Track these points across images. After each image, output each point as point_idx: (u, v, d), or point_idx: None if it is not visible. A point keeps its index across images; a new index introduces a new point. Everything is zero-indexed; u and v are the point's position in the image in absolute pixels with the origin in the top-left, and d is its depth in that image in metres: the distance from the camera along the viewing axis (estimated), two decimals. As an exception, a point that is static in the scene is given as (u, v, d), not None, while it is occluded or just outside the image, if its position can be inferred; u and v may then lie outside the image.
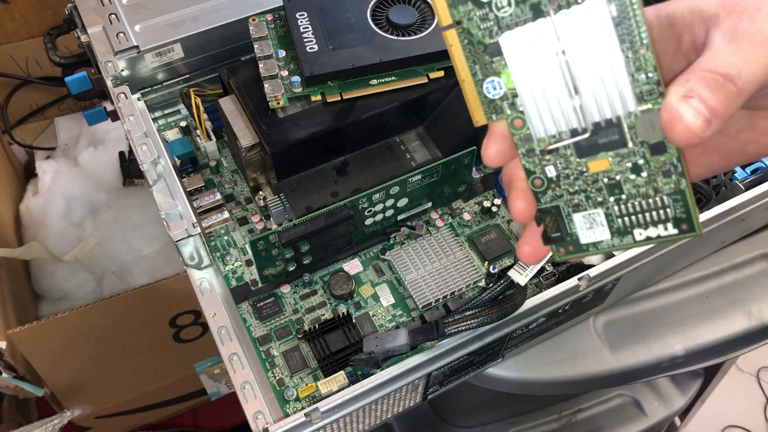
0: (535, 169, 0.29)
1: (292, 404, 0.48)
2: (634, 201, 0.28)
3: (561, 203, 0.29)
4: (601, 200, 0.28)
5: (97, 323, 0.80)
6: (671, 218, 0.27)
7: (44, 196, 0.93)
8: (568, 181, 0.28)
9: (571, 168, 0.28)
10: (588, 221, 0.29)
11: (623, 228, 0.28)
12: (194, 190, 0.57)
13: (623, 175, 0.27)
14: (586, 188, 0.28)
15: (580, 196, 0.28)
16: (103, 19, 0.59)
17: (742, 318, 0.59)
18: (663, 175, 0.27)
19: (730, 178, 0.54)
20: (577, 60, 0.26)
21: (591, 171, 0.28)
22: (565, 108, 0.27)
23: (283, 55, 0.56)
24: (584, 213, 0.29)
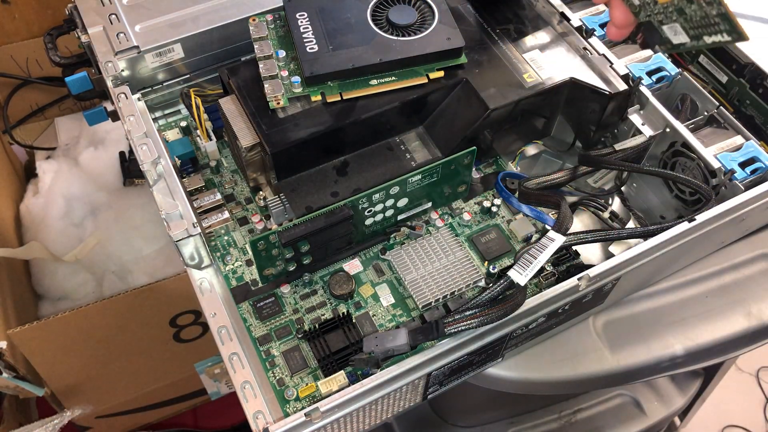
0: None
1: (292, 404, 0.48)
2: (695, 19, 0.39)
3: (651, 19, 0.42)
4: (675, 18, 0.40)
5: (97, 323, 0.80)
6: (724, 30, 0.39)
7: (45, 196, 0.93)
8: (649, 8, 0.41)
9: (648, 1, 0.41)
10: (672, 30, 0.41)
11: (695, 35, 0.40)
12: (194, 190, 0.57)
13: (681, 3, 0.39)
14: (662, 11, 0.41)
15: (660, 16, 0.41)
16: (104, 19, 0.59)
17: (741, 318, 0.59)
18: (708, 4, 0.39)
19: (730, 178, 0.54)
20: None
21: (660, 2, 0.40)
22: None
23: (283, 55, 0.56)
24: (667, 25, 0.41)
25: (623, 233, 0.53)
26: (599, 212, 0.60)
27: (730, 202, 0.52)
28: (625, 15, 0.43)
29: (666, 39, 0.43)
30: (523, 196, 0.57)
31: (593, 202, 0.60)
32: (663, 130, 0.58)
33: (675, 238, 0.51)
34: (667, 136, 0.58)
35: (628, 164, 0.57)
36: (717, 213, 0.52)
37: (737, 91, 0.65)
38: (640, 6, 0.42)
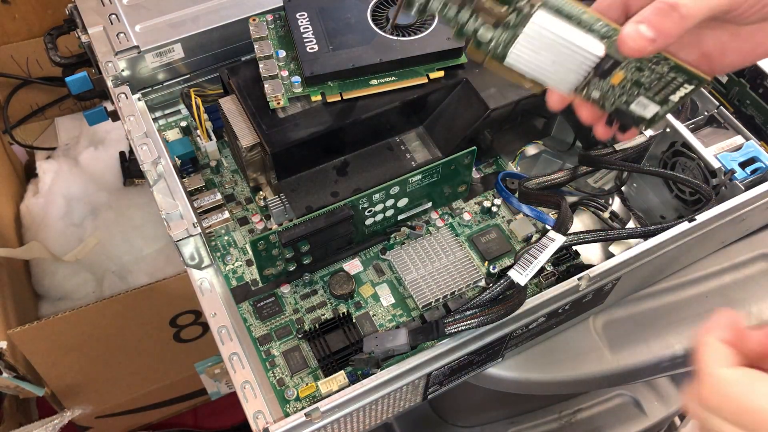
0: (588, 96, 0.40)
1: (293, 404, 0.48)
2: (654, 84, 0.38)
3: (617, 105, 0.40)
4: (636, 93, 0.39)
5: (97, 323, 0.80)
6: (684, 81, 0.37)
7: (45, 196, 0.93)
8: (610, 94, 0.39)
9: (603, 88, 0.39)
10: (640, 106, 0.39)
11: (662, 99, 0.39)
12: (194, 190, 0.57)
13: (634, 75, 0.38)
14: (622, 91, 0.39)
15: (623, 98, 0.39)
16: (104, 19, 0.59)
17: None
18: (656, 64, 0.37)
19: (730, 178, 0.54)
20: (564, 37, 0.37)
21: (614, 83, 0.38)
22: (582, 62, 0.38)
23: (283, 55, 0.56)
24: (633, 103, 0.39)
25: (623, 233, 0.53)
26: (599, 212, 0.60)
27: (730, 202, 0.52)
28: (591, 112, 0.40)
29: (639, 117, 0.40)
30: (523, 196, 0.57)
31: (593, 202, 0.60)
32: (663, 130, 0.58)
33: (675, 238, 0.51)
34: (667, 136, 0.58)
35: (628, 164, 0.57)
36: (717, 213, 0.52)
37: (737, 91, 0.65)
38: (602, 97, 0.39)
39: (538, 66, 0.38)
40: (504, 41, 0.38)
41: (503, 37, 0.38)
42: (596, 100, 0.39)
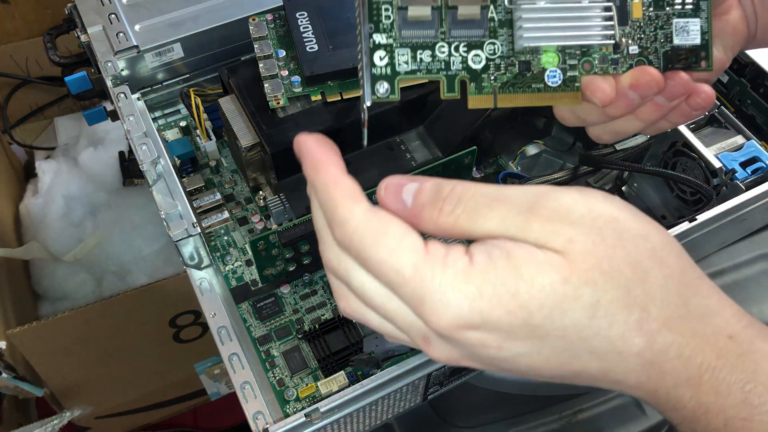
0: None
1: (292, 404, 0.48)
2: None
3: (662, 49, 0.34)
4: (664, 18, 0.33)
5: (97, 323, 0.80)
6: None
7: (44, 196, 0.93)
8: (645, 37, 0.34)
9: (635, 34, 0.33)
10: (681, 32, 0.33)
11: (694, 5, 0.34)
12: (194, 190, 0.57)
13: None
14: (652, 27, 0.33)
15: (658, 37, 0.34)
16: (103, 18, 0.59)
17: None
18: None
19: (731, 178, 0.54)
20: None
21: (636, 16, 0.33)
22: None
23: (283, 54, 0.56)
24: (674, 32, 0.33)
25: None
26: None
27: (731, 201, 0.52)
28: (654, 77, 0.33)
29: (693, 48, 0.34)
30: None
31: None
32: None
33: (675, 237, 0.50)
34: (667, 136, 0.58)
35: (629, 164, 0.57)
36: (718, 213, 0.52)
37: (738, 90, 0.65)
38: (642, 49, 0.34)
39: (554, 33, 0.32)
40: (505, 54, 0.32)
41: (501, 49, 0.32)
42: (641, 59, 0.33)
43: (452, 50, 0.31)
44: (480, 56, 0.32)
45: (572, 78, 0.33)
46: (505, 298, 0.25)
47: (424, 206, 0.27)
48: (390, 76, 0.31)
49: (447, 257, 0.25)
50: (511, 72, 0.32)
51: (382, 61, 0.31)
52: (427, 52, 0.31)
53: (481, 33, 0.32)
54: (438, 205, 0.26)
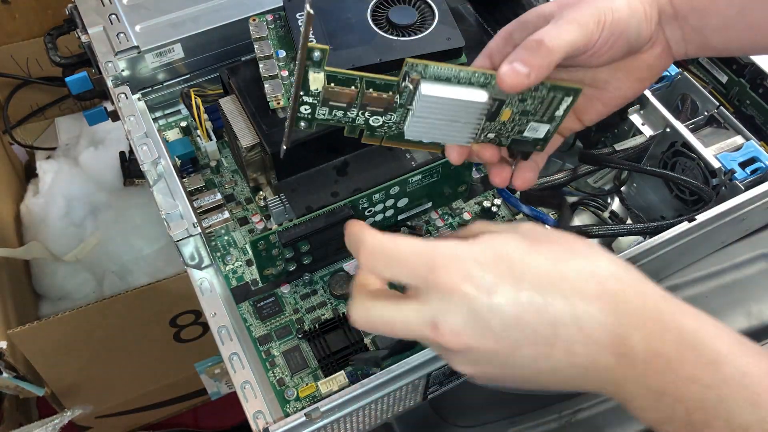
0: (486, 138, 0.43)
1: (293, 404, 0.48)
2: (539, 108, 0.40)
3: (512, 137, 0.43)
4: (526, 121, 0.41)
5: (97, 323, 0.80)
6: (563, 96, 0.40)
7: (45, 196, 0.93)
8: (504, 129, 0.42)
9: (496, 127, 0.42)
10: (533, 130, 0.42)
11: (549, 118, 0.41)
12: (194, 190, 0.57)
13: (520, 107, 0.40)
14: (513, 124, 0.42)
15: (515, 128, 0.42)
16: (104, 19, 0.59)
17: (741, 318, 0.59)
18: (535, 90, 0.39)
19: (730, 178, 0.54)
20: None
21: (503, 119, 0.41)
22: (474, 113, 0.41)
23: (283, 55, 0.56)
24: (526, 130, 0.42)
25: (622, 230, 0.53)
26: (599, 212, 0.60)
27: (730, 202, 0.52)
28: (492, 152, 0.43)
29: (535, 140, 0.43)
30: (524, 196, 0.57)
31: (593, 202, 0.60)
32: (663, 130, 0.58)
33: (675, 237, 0.51)
34: (667, 136, 0.58)
35: (628, 163, 0.57)
36: (717, 213, 0.52)
37: (737, 91, 0.65)
38: (498, 135, 0.42)
39: (435, 131, 0.41)
40: (396, 121, 0.41)
41: (395, 118, 0.41)
42: (493, 140, 0.42)
43: (359, 114, 0.40)
44: (379, 120, 0.41)
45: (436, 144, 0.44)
46: (491, 251, 0.32)
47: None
48: (310, 120, 0.40)
49: (446, 237, 0.35)
50: (398, 130, 0.42)
51: (306, 111, 0.40)
52: (341, 111, 0.40)
53: (387, 106, 0.40)
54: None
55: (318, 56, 0.36)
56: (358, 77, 0.38)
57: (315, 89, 0.38)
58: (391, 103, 0.40)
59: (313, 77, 0.37)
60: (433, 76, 0.38)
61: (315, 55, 0.36)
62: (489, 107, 0.40)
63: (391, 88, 0.39)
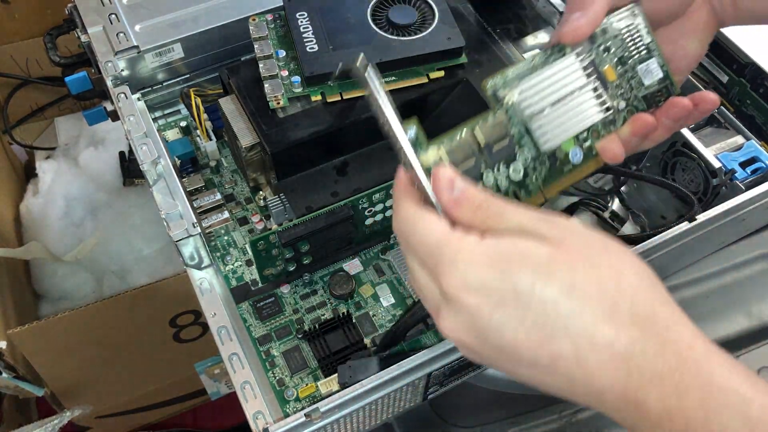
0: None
1: (292, 404, 0.48)
2: (629, 47, 0.40)
3: (642, 93, 0.41)
4: (631, 70, 0.41)
5: (97, 323, 0.80)
6: (630, 16, 0.40)
7: (44, 196, 0.93)
8: (625, 91, 0.41)
9: (618, 92, 0.41)
10: (648, 74, 0.41)
11: (646, 50, 0.41)
12: (194, 190, 0.57)
13: (612, 58, 0.40)
14: (627, 81, 0.41)
15: (633, 87, 0.41)
16: (103, 19, 0.59)
17: (742, 318, 0.59)
18: (612, 38, 0.40)
19: (731, 178, 0.54)
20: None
21: (612, 79, 0.40)
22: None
23: (283, 55, 0.56)
24: (644, 77, 0.41)
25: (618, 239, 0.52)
26: (599, 212, 0.60)
27: (730, 202, 0.52)
28: (634, 124, 0.41)
29: (662, 82, 0.41)
30: None
31: (593, 202, 0.60)
32: (663, 130, 0.58)
33: (675, 238, 0.51)
34: (667, 136, 0.58)
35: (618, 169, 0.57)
36: (718, 213, 0.52)
37: (738, 90, 0.65)
38: (627, 101, 0.41)
39: (564, 123, 0.39)
40: (532, 153, 0.38)
41: (526, 150, 0.38)
42: (630, 109, 0.40)
43: (495, 173, 0.37)
44: (518, 168, 0.38)
45: (589, 148, 0.40)
46: (501, 266, 0.30)
47: (467, 199, 0.32)
48: None
49: (464, 237, 0.31)
50: (545, 167, 0.39)
51: None
52: (478, 183, 0.37)
53: (511, 149, 0.38)
54: (477, 201, 0.32)
55: (413, 135, 0.34)
56: (459, 131, 0.37)
57: (435, 161, 0.36)
58: (507, 131, 0.38)
59: (424, 157, 0.35)
60: (516, 78, 0.38)
61: (410, 136, 0.34)
62: (585, 71, 0.39)
63: (493, 118, 0.38)
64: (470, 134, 0.37)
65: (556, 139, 0.39)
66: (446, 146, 0.36)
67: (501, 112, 0.38)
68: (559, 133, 0.39)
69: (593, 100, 0.39)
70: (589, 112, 0.39)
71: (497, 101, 0.38)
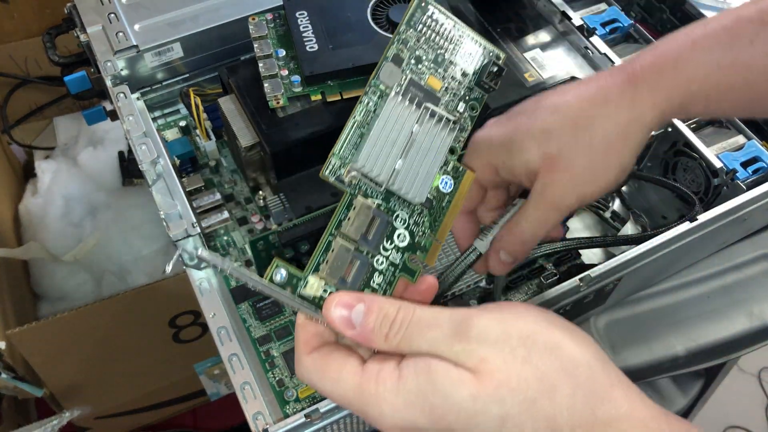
0: None
1: (292, 405, 0.48)
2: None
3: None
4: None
5: (96, 323, 0.80)
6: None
7: (43, 196, 0.92)
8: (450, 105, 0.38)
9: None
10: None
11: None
12: (194, 190, 0.57)
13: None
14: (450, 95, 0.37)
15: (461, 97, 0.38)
16: (103, 18, 0.59)
17: (743, 318, 0.59)
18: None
19: (732, 178, 0.54)
20: None
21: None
22: None
23: (283, 54, 0.55)
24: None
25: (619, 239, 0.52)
26: (600, 212, 0.60)
27: (731, 201, 0.52)
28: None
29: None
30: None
31: (594, 202, 0.60)
32: (665, 129, 0.58)
33: (676, 238, 0.50)
34: (669, 136, 0.58)
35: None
36: (719, 213, 0.51)
37: (739, 90, 0.65)
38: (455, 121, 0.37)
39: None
40: (403, 205, 0.35)
41: (400, 210, 0.35)
42: (465, 111, 0.38)
43: (384, 253, 0.35)
44: (401, 233, 0.35)
45: (454, 168, 0.37)
46: (426, 409, 0.29)
47: (372, 331, 0.31)
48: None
49: (379, 374, 0.30)
50: (425, 216, 0.36)
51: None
52: (375, 275, 0.34)
53: (385, 223, 0.35)
54: (383, 331, 0.31)
55: (283, 275, 0.33)
56: (329, 237, 0.34)
57: (320, 294, 0.34)
58: (372, 210, 0.34)
59: (307, 290, 0.33)
60: (349, 151, 0.35)
61: (280, 277, 0.33)
62: (411, 99, 0.36)
63: (351, 210, 0.34)
64: (340, 242, 0.34)
65: (424, 186, 0.36)
66: (325, 268, 0.33)
67: (357, 198, 0.34)
68: (424, 180, 0.36)
69: (436, 125, 0.36)
70: (439, 141, 0.36)
71: (343, 185, 0.34)
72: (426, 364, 0.30)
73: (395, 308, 0.31)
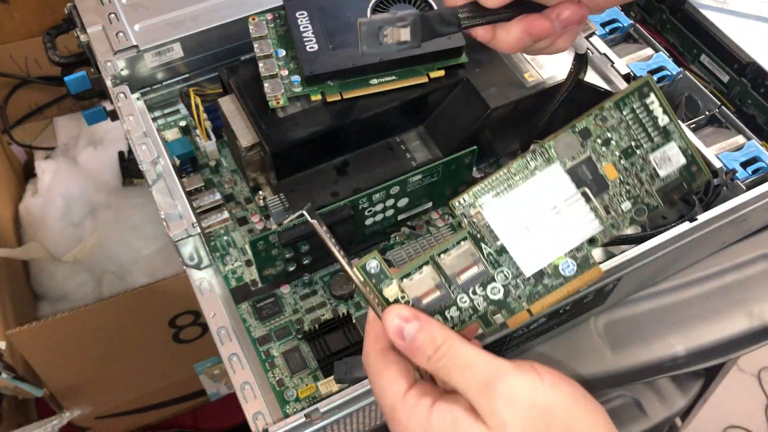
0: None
1: (292, 405, 0.48)
2: (637, 132, 0.34)
3: (655, 190, 0.34)
4: (640, 161, 0.34)
5: (96, 323, 0.80)
6: (642, 99, 0.34)
7: (43, 196, 0.92)
8: (634, 190, 0.34)
9: (620, 193, 0.34)
10: (664, 163, 0.34)
11: (662, 134, 0.34)
12: (194, 190, 0.57)
13: (615, 150, 0.34)
14: (635, 178, 0.34)
15: (644, 181, 0.34)
16: (103, 18, 0.59)
17: (743, 318, 0.59)
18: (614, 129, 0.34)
19: (732, 178, 0.54)
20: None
21: (613, 178, 0.34)
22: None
23: (283, 54, 0.55)
24: (658, 167, 0.34)
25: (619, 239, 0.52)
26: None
27: (731, 201, 0.52)
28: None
29: (681, 171, 0.34)
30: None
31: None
32: (664, 129, 0.58)
33: (676, 238, 0.50)
34: (668, 136, 0.58)
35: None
36: (719, 213, 0.51)
37: (739, 90, 0.65)
38: (635, 201, 0.34)
39: (550, 243, 0.34)
40: (512, 272, 0.34)
41: (506, 269, 0.34)
42: (641, 212, 0.34)
43: (471, 295, 0.34)
44: (496, 287, 0.34)
45: (584, 258, 0.34)
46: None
47: (419, 349, 0.33)
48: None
49: (413, 409, 0.33)
50: (529, 284, 0.34)
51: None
52: (453, 308, 0.34)
53: (486, 271, 0.34)
54: (428, 353, 0.33)
55: (375, 267, 0.34)
56: (427, 258, 0.34)
57: (396, 299, 0.34)
58: (478, 257, 0.34)
59: (387, 291, 0.34)
60: (487, 195, 0.34)
61: (371, 268, 0.34)
62: (574, 176, 0.33)
63: (462, 243, 0.34)
64: (431, 270, 0.34)
65: (538, 262, 0.34)
66: (408, 283, 0.34)
67: (467, 242, 0.34)
68: (542, 256, 0.34)
69: (588, 213, 0.34)
70: (582, 227, 0.34)
71: (465, 222, 0.34)
72: (453, 417, 0.32)
73: (443, 337, 0.33)
